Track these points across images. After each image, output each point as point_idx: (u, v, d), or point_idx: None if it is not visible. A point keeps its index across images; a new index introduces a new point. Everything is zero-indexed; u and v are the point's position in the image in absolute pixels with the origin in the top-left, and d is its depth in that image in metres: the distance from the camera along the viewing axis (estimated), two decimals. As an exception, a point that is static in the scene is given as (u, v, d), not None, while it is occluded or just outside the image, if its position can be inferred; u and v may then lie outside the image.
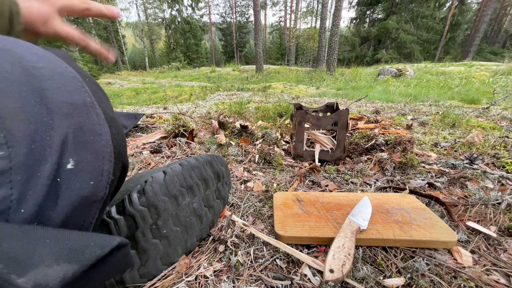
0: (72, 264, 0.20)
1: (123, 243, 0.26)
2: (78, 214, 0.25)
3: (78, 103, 0.26)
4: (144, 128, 1.46)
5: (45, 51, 0.27)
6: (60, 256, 0.20)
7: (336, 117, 0.95)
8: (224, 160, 0.64)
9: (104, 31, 18.10)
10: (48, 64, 0.26)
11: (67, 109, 0.25)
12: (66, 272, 0.19)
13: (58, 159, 0.23)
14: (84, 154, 0.25)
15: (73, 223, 0.25)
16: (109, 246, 0.23)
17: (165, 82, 7.92)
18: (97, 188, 0.26)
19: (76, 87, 0.26)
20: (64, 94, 0.25)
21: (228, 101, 2.67)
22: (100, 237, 0.24)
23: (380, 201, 0.65)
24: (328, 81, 6.51)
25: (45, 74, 0.25)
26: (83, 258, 0.21)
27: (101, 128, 0.27)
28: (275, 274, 0.46)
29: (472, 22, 17.40)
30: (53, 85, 0.24)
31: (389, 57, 13.77)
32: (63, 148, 0.24)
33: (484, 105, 2.36)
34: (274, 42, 26.60)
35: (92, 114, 0.26)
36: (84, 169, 0.25)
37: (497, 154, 0.98)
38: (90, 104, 0.27)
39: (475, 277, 0.44)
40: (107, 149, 0.27)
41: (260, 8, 9.21)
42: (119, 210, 0.41)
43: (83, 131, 0.25)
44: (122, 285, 0.41)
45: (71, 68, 0.27)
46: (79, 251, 0.21)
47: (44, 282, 0.18)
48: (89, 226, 0.27)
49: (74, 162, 0.24)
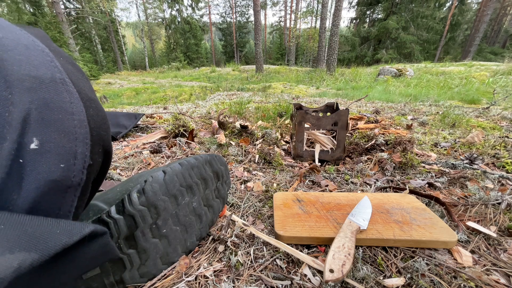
0: (31, 252, 0.18)
1: (99, 231, 0.24)
2: (50, 200, 0.22)
3: (44, 77, 0.23)
4: (144, 128, 1.46)
5: (9, 23, 0.25)
6: (15, 243, 0.18)
7: (336, 117, 0.95)
8: (223, 159, 0.64)
9: (104, 31, 18.11)
10: (10, 35, 0.23)
11: (30, 83, 0.22)
12: (21, 261, 0.17)
13: (18, 137, 0.21)
14: (51, 134, 0.22)
15: (44, 210, 0.22)
16: (79, 234, 0.21)
17: (165, 82, 7.92)
18: (69, 172, 0.23)
19: (43, 61, 0.24)
20: (27, 67, 0.22)
21: (228, 101, 2.67)
22: (69, 224, 0.22)
23: (380, 201, 0.65)
24: (328, 81, 6.51)
25: (5, 44, 0.22)
26: (45, 246, 0.19)
27: (73, 106, 0.24)
28: (275, 274, 0.46)
29: (472, 22, 17.40)
30: (14, 56, 0.22)
31: (389, 57, 13.77)
32: (25, 125, 0.21)
33: (484, 105, 2.36)
34: (274, 42, 26.59)
35: (62, 91, 0.24)
36: (52, 150, 0.22)
37: (497, 154, 0.98)
38: (60, 80, 0.24)
39: (475, 277, 0.44)
40: (81, 129, 0.24)
41: (260, 8, 9.21)
42: (119, 209, 0.41)
43: (49, 108, 0.23)
44: (122, 285, 0.41)
45: (41, 43, 0.25)
46: (40, 239, 0.19)
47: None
48: (67, 215, 0.24)
49: (39, 142, 0.22)
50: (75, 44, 10.42)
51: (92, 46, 16.75)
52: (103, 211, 0.40)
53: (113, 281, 0.40)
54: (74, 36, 11.13)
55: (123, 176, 0.86)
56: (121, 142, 1.21)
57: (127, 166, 0.93)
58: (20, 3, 11.86)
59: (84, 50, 13.91)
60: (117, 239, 0.40)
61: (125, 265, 0.41)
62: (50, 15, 11.02)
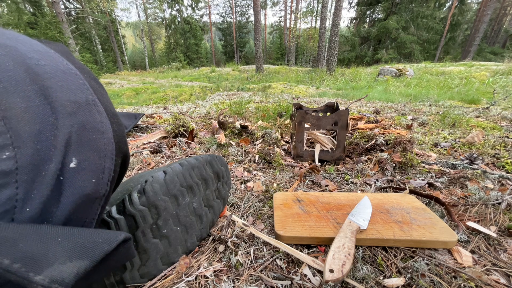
0: (84, 260, 0.21)
1: (127, 237, 0.26)
2: (80, 211, 0.25)
3: (81, 101, 0.25)
4: (144, 128, 1.46)
5: (46, 48, 0.27)
6: (72, 253, 0.21)
7: (336, 117, 0.95)
8: (224, 160, 0.64)
9: (104, 31, 18.11)
10: (50, 61, 0.25)
11: (71, 108, 0.24)
12: (79, 268, 0.21)
13: (62, 158, 0.23)
14: (87, 153, 0.25)
15: (76, 220, 0.25)
16: (116, 241, 0.24)
17: (165, 82, 7.92)
18: (98, 186, 0.26)
19: (78, 85, 0.26)
20: (67, 93, 0.25)
21: (228, 101, 2.67)
22: (106, 233, 0.25)
23: (380, 201, 0.65)
24: (328, 81, 6.51)
25: (48, 72, 0.24)
26: (93, 254, 0.22)
27: (103, 126, 0.27)
28: (275, 274, 0.46)
29: (472, 22, 17.39)
30: (56, 83, 0.24)
31: (389, 57, 13.76)
32: (67, 147, 0.24)
33: (484, 105, 2.36)
34: (274, 42, 26.58)
35: (94, 112, 0.26)
36: (87, 167, 0.25)
37: (497, 154, 0.98)
38: (92, 102, 0.26)
39: (475, 277, 0.44)
40: (109, 147, 0.27)
41: (260, 8, 9.21)
42: (120, 209, 0.41)
43: (86, 130, 0.25)
44: (122, 285, 0.41)
45: (71, 64, 0.27)
46: (89, 248, 0.22)
47: (60, 278, 0.19)
48: (91, 222, 0.27)
49: (77, 161, 0.24)
50: (75, 44, 10.41)
51: (92, 46, 16.73)
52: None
53: (113, 281, 0.40)
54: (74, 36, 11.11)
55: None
56: (121, 142, 1.21)
57: (127, 166, 0.93)
58: (20, 3, 11.86)
59: (84, 50, 13.90)
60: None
61: (126, 265, 0.41)
62: (50, 15, 11.00)
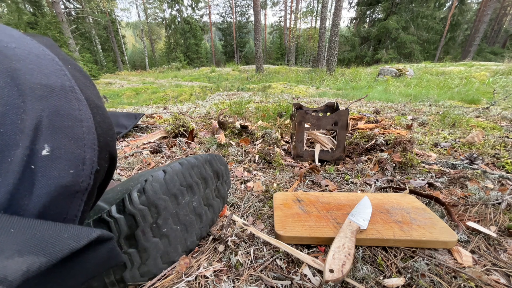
0: (39, 256, 0.18)
1: (106, 236, 0.24)
2: (58, 205, 0.23)
3: (54, 86, 0.24)
4: (144, 128, 1.46)
5: (22, 34, 0.25)
6: (24, 246, 0.18)
7: (336, 117, 0.95)
8: (223, 159, 0.64)
9: (104, 31, 18.11)
10: (22, 45, 0.24)
11: (42, 92, 0.23)
12: (30, 265, 0.18)
13: (31, 144, 0.21)
14: (62, 140, 0.23)
15: (53, 215, 0.23)
16: (86, 238, 0.22)
17: (165, 82, 7.92)
18: (78, 177, 0.24)
19: (53, 70, 0.24)
20: (39, 76, 0.23)
21: (228, 101, 2.67)
22: (76, 229, 0.22)
23: (380, 201, 0.65)
24: (328, 81, 6.51)
25: (18, 54, 0.23)
26: (53, 250, 0.19)
27: (82, 113, 0.25)
28: (275, 274, 0.46)
29: (472, 22, 17.40)
30: (26, 66, 0.23)
31: (389, 57, 13.76)
32: (37, 132, 0.22)
33: (484, 105, 2.36)
34: (274, 42, 26.58)
35: (71, 99, 0.24)
36: (62, 156, 0.23)
37: (497, 154, 0.98)
38: (69, 88, 0.25)
39: (475, 277, 0.44)
40: (89, 136, 0.25)
41: (260, 8, 9.21)
42: (120, 209, 0.41)
43: (60, 116, 0.23)
44: (123, 284, 0.41)
45: (50, 52, 0.26)
46: (48, 243, 0.19)
47: (1, 275, 0.16)
48: (73, 219, 0.24)
49: (50, 148, 0.22)
50: (75, 44, 10.41)
51: (92, 46, 16.74)
52: (103, 210, 0.40)
53: (113, 280, 0.40)
54: (74, 36, 11.12)
55: (123, 176, 0.86)
56: (121, 142, 1.22)
57: (127, 166, 0.93)
58: (20, 3, 11.86)
59: (84, 50, 13.90)
60: (117, 239, 0.40)
61: (126, 264, 0.41)
62: (50, 15, 11.01)
